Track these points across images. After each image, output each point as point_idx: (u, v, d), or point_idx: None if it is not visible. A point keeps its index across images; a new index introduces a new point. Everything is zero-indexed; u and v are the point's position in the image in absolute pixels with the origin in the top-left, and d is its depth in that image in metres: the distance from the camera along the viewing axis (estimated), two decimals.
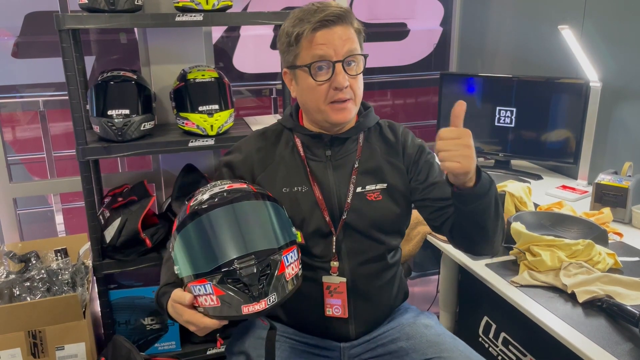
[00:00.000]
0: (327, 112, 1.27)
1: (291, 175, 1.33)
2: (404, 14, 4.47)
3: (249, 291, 1.06)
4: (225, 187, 1.19)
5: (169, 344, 2.20)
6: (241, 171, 1.35)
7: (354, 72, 1.26)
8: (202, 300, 1.08)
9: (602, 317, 1.29)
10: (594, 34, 2.13)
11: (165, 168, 2.43)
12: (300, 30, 1.23)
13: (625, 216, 1.83)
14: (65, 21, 1.76)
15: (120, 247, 2.02)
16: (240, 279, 1.05)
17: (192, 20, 1.91)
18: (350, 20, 1.26)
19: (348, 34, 1.24)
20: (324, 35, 1.22)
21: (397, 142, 1.38)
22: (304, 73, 1.26)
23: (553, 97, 2.24)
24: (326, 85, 1.25)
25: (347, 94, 1.26)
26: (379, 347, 1.36)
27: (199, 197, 1.17)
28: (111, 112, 1.91)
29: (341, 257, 1.32)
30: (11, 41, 3.59)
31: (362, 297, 1.34)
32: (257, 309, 1.06)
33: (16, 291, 1.96)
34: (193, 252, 1.10)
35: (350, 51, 1.24)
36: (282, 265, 1.10)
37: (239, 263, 1.06)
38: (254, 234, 1.11)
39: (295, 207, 1.30)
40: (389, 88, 4.59)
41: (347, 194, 1.31)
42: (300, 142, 1.35)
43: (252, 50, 4.14)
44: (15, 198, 2.31)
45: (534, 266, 1.49)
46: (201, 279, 1.07)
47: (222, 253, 1.07)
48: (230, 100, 2.08)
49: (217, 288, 1.06)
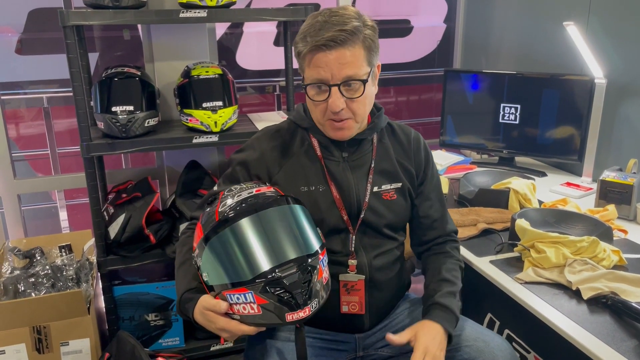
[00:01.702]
0: (326, 127, 1.29)
1: (309, 174, 1.33)
2: (408, 11, 4.47)
3: (294, 299, 1.05)
4: (253, 192, 1.17)
5: (173, 339, 2.21)
6: (257, 170, 1.34)
7: (352, 95, 1.23)
8: (239, 308, 1.07)
9: (607, 313, 1.29)
10: (599, 31, 2.12)
11: (169, 164, 2.43)
12: (302, 48, 1.22)
13: (630, 213, 1.83)
14: (70, 17, 1.76)
15: (125, 244, 2.02)
16: (284, 287, 1.04)
17: (196, 16, 1.91)
18: (355, 41, 1.19)
19: (351, 56, 1.19)
20: (322, 57, 1.19)
21: (410, 145, 1.41)
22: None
23: (558, 94, 2.23)
24: (324, 105, 1.24)
25: (345, 115, 1.25)
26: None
27: (227, 201, 1.15)
28: (115, 109, 1.91)
29: (359, 255, 1.34)
30: (15, 38, 3.60)
31: (377, 288, 1.37)
32: (301, 316, 1.06)
33: (21, 287, 1.96)
34: (227, 261, 1.08)
35: (348, 77, 1.20)
36: (320, 270, 1.10)
37: (280, 271, 1.05)
38: (291, 240, 1.10)
39: (314, 206, 1.30)
40: (392, 85, 4.59)
41: (365, 193, 1.33)
42: (317, 142, 1.35)
43: (255, 47, 4.14)
44: (19, 194, 2.32)
45: (538, 263, 1.49)
46: (240, 287, 1.05)
47: (263, 262, 1.06)
48: (234, 97, 2.08)
49: (259, 297, 1.04)
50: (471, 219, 1.79)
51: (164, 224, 2.11)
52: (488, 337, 1.30)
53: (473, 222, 1.78)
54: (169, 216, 2.19)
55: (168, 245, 2.10)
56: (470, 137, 2.50)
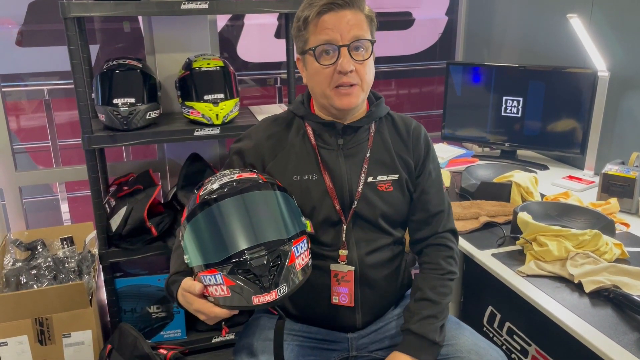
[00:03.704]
0: (332, 97, 1.26)
1: (302, 163, 1.32)
2: (409, 3, 4.45)
3: (260, 282, 1.06)
4: (234, 177, 1.18)
5: (174, 331, 2.22)
6: (251, 159, 1.34)
7: (360, 58, 1.23)
8: (212, 290, 1.08)
9: (609, 307, 1.29)
10: (603, 23, 2.11)
11: (171, 157, 2.43)
12: (308, 13, 1.22)
13: (632, 207, 1.82)
14: (71, 9, 1.75)
15: (126, 236, 2.03)
16: (250, 270, 1.05)
17: (198, 8, 1.90)
18: (360, 5, 1.23)
19: (356, 19, 1.22)
20: (330, 18, 1.21)
21: (409, 137, 1.37)
22: (311, 57, 1.25)
23: (560, 87, 2.22)
24: (331, 69, 1.23)
25: (353, 79, 1.24)
26: (386, 339, 1.36)
27: (209, 186, 1.17)
28: (117, 101, 1.91)
29: (350, 246, 1.31)
30: (15, 29, 3.58)
31: (369, 285, 1.34)
32: (267, 300, 1.06)
33: (23, 279, 1.97)
34: (203, 242, 1.10)
35: (356, 36, 1.21)
36: (292, 256, 1.10)
37: (249, 254, 1.06)
38: (263, 224, 1.11)
39: (306, 195, 1.29)
40: (393, 78, 4.58)
41: (358, 183, 1.31)
42: (311, 130, 1.34)
43: (256, 39, 4.12)
44: (20, 187, 2.32)
45: (540, 256, 1.49)
46: (211, 269, 1.07)
47: (232, 243, 1.07)
48: (236, 89, 2.07)
49: (227, 278, 1.06)
50: (473, 212, 1.79)
51: (166, 217, 2.11)
52: (483, 349, 1.27)
53: (475, 215, 1.78)
54: (170, 209, 2.19)
55: (169, 237, 2.10)
56: (472, 130, 2.49)
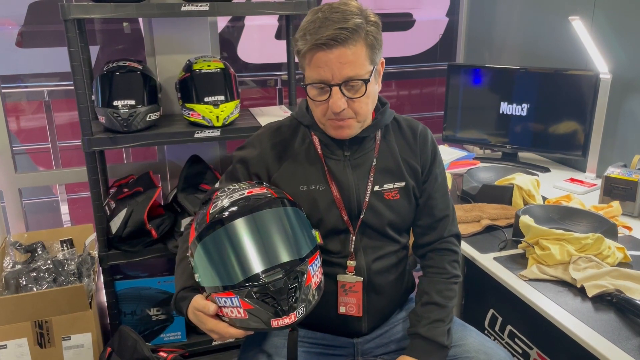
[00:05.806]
0: (327, 127, 1.25)
1: (308, 173, 1.29)
2: (410, 4, 4.44)
3: (279, 305, 1.04)
4: (244, 193, 1.15)
5: (174, 334, 2.21)
6: (256, 168, 1.31)
7: (353, 95, 1.19)
8: (227, 311, 1.06)
9: (612, 311, 1.28)
10: (605, 25, 2.10)
11: (171, 159, 2.42)
12: (302, 47, 1.17)
13: (634, 210, 1.82)
14: (71, 11, 1.75)
15: (126, 238, 2.02)
16: (269, 293, 1.03)
17: (198, 10, 1.89)
18: (356, 39, 1.14)
19: (349, 57, 1.14)
20: (322, 56, 1.14)
21: (416, 142, 1.35)
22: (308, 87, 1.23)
23: (562, 89, 2.22)
24: (325, 105, 1.21)
25: (346, 115, 1.21)
26: (392, 343, 1.36)
27: (219, 203, 1.14)
28: (117, 103, 1.90)
29: (358, 256, 1.30)
30: (15, 30, 3.58)
31: (376, 292, 1.33)
32: (286, 322, 1.05)
33: (22, 281, 1.96)
34: (215, 263, 1.07)
35: (349, 77, 1.16)
36: (308, 276, 1.08)
37: (266, 276, 1.03)
38: (278, 245, 1.08)
39: (313, 205, 1.27)
40: (394, 79, 4.57)
41: (366, 192, 1.29)
42: (318, 140, 1.31)
43: (256, 41, 4.12)
44: (20, 188, 2.31)
45: (542, 260, 1.48)
46: (227, 291, 1.04)
47: (248, 266, 1.04)
48: (236, 91, 2.07)
49: (244, 302, 1.04)
50: (474, 215, 1.78)
51: (166, 219, 2.10)
52: (491, 349, 1.27)
53: (476, 218, 1.77)
54: (170, 211, 2.18)
55: (170, 240, 2.10)
56: (473, 132, 2.48)
